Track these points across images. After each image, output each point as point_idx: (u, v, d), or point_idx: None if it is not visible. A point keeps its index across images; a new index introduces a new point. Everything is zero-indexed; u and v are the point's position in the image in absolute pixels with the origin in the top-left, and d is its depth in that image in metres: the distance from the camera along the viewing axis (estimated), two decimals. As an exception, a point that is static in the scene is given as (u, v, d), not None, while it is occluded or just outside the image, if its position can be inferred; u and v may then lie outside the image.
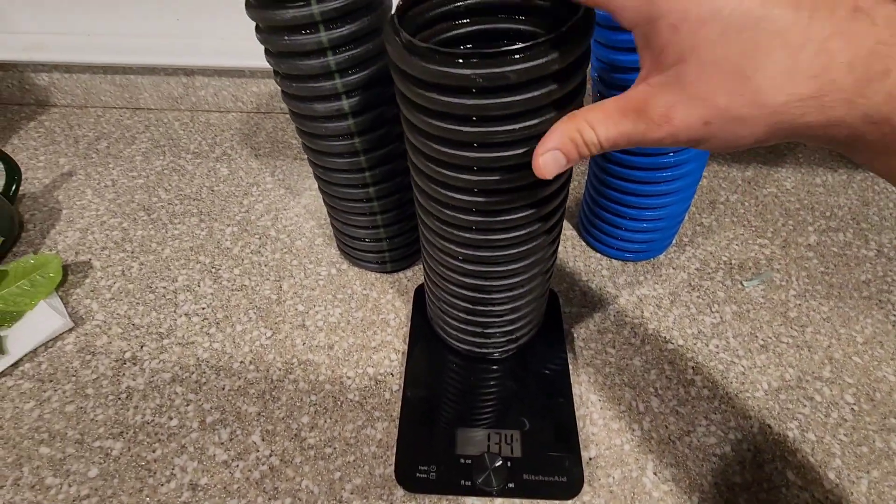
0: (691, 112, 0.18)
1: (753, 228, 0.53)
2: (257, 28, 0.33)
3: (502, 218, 0.27)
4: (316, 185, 0.59)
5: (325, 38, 0.31)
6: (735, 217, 0.55)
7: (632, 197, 0.43)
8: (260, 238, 0.53)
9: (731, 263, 0.50)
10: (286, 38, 0.31)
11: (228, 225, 0.54)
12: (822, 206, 0.55)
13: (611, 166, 0.42)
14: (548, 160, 0.21)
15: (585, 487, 0.35)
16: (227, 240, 0.53)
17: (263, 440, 0.38)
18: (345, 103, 0.34)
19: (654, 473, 0.36)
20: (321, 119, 0.35)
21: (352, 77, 0.33)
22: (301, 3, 0.30)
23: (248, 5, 0.32)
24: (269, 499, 0.35)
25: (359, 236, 0.45)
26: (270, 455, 0.37)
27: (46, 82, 0.68)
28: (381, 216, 0.43)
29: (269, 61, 0.35)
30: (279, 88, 0.36)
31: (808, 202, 0.56)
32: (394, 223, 0.44)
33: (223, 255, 0.51)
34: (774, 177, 0.59)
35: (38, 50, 0.64)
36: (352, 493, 0.35)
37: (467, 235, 0.29)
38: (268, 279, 0.49)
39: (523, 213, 0.28)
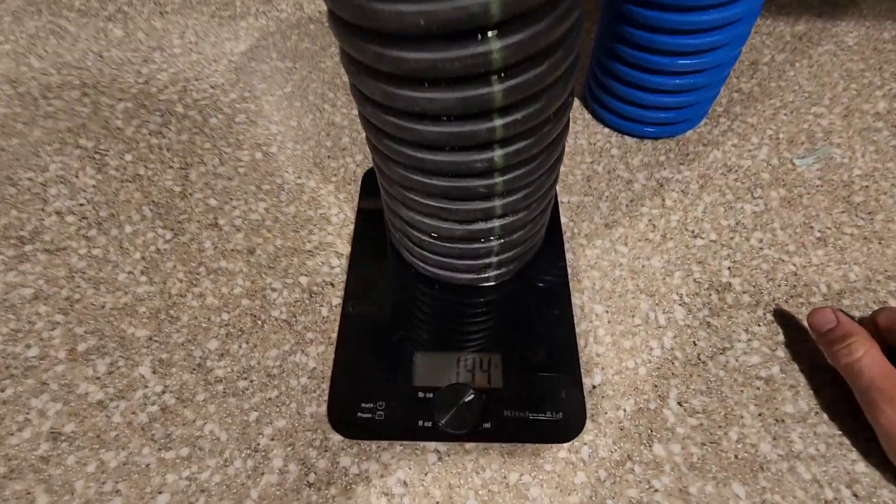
0: None
1: (806, 95, 0.41)
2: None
3: None
4: (239, 48, 0.45)
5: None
6: (783, 81, 0.42)
7: (654, 57, 0.31)
8: (162, 116, 0.40)
9: (777, 138, 0.39)
10: None
11: (121, 100, 0.41)
12: (893, 67, 0.43)
13: (623, 28, 0.29)
14: (828, 314, 0.27)
15: (588, 424, 0.26)
16: (117, 118, 0.40)
17: (154, 373, 0.28)
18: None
19: (679, 404, 0.27)
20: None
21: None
22: None
23: None
24: (159, 449, 0.26)
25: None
26: (163, 392, 0.28)
27: None
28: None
29: None
30: None
31: (876, 62, 0.44)
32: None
33: (112, 138, 0.39)
34: (832, 31, 0.46)
35: None
36: (272, 440, 0.26)
37: None
38: (170, 167, 0.37)
39: None
